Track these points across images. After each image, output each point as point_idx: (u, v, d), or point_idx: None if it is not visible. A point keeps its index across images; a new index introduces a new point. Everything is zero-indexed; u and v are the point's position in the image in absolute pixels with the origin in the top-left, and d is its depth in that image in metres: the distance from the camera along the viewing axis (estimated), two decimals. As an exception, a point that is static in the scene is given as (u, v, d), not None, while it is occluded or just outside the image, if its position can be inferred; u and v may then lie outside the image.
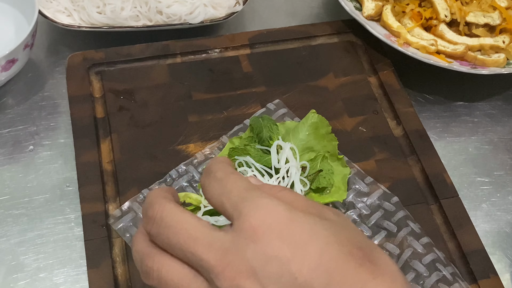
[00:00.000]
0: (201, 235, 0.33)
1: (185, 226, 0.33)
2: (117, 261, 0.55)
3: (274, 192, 0.35)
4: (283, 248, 0.31)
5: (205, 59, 0.73)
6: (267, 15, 0.85)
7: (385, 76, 0.73)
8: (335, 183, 0.59)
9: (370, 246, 0.33)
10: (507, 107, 0.76)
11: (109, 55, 0.71)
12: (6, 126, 0.67)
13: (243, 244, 0.31)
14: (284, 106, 0.68)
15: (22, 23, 0.72)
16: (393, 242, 0.58)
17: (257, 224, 0.32)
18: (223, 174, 0.36)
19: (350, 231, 0.34)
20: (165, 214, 0.34)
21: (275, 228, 0.31)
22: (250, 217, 0.32)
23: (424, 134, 0.67)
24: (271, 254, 0.31)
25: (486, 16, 0.75)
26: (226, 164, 0.37)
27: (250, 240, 0.31)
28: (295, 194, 0.36)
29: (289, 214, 0.32)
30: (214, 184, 0.35)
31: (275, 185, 0.38)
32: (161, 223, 0.34)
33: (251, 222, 0.32)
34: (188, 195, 0.56)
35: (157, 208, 0.35)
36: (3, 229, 0.59)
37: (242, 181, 0.35)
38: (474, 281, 0.57)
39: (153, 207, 0.35)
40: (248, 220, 0.32)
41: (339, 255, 0.31)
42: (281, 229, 0.31)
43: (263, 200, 0.33)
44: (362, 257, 0.32)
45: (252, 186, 0.34)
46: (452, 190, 0.63)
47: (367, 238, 0.35)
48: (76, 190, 0.60)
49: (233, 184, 0.35)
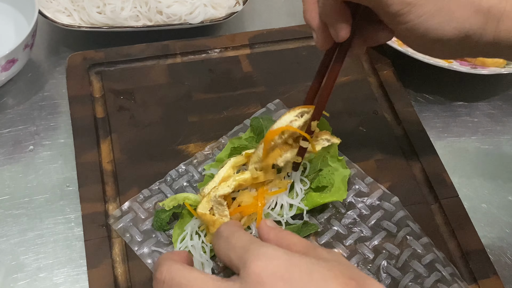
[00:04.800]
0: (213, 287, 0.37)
1: (196, 282, 0.38)
2: (117, 261, 0.55)
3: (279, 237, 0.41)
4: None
5: (205, 59, 0.73)
6: (267, 15, 0.85)
7: (385, 76, 0.73)
8: (335, 183, 0.59)
9: (361, 276, 0.38)
10: (507, 107, 0.76)
11: (109, 55, 0.71)
12: (6, 126, 0.68)
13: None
14: (284, 106, 0.68)
15: (22, 23, 0.72)
16: (393, 242, 0.58)
17: (261, 271, 0.36)
18: (229, 232, 0.41)
19: (342, 266, 0.38)
20: (173, 274, 0.39)
21: (277, 272, 0.36)
22: (254, 265, 0.36)
23: (424, 134, 0.67)
24: None
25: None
26: (232, 225, 0.42)
27: (257, 284, 0.35)
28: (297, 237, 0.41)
29: (288, 258, 0.37)
30: (221, 242, 0.41)
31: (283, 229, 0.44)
32: (172, 282, 0.38)
33: (255, 270, 0.36)
34: (188, 197, 0.56)
35: (165, 269, 0.39)
36: (3, 229, 0.59)
37: (245, 236, 0.40)
38: (474, 281, 0.57)
39: (161, 269, 0.39)
40: (253, 268, 0.36)
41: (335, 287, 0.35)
42: (283, 272, 0.36)
43: (264, 249, 0.37)
44: (355, 286, 0.36)
45: (253, 239, 0.39)
46: (452, 190, 0.63)
47: (357, 270, 0.39)
48: (76, 190, 0.61)
49: (237, 240, 0.40)
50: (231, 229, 0.42)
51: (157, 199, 0.59)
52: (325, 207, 0.59)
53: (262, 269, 0.36)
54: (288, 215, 0.56)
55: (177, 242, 0.55)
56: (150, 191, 0.60)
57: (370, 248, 0.57)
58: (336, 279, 0.36)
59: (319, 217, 0.59)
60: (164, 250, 0.56)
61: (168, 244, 0.56)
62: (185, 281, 0.38)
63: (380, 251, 0.57)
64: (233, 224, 0.43)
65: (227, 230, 0.41)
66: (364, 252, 0.57)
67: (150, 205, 0.59)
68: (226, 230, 0.42)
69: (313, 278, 0.36)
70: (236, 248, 0.39)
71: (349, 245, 0.57)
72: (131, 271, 0.55)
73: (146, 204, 0.59)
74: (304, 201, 0.58)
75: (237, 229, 0.42)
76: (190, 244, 0.54)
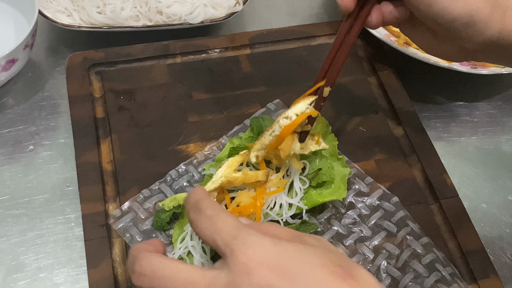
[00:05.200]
0: (198, 278, 0.36)
1: (181, 273, 0.37)
2: (117, 261, 0.55)
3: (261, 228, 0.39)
4: (274, 277, 0.35)
5: (205, 59, 0.73)
6: (267, 15, 0.85)
7: (385, 76, 0.73)
8: (335, 182, 0.59)
9: (349, 263, 0.37)
10: (507, 107, 0.76)
11: (109, 55, 0.71)
12: (6, 126, 0.68)
13: (239, 278, 0.35)
14: (284, 106, 0.68)
15: (22, 23, 0.72)
16: (392, 242, 0.58)
17: (248, 260, 0.36)
18: (213, 212, 0.39)
19: (330, 253, 0.38)
20: (155, 266, 0.37)
21: (264, 261, 0.36)
22: (242, 254, 0.36)
23: (424, 134, 0.67)
24: (264, 284, 0.35)
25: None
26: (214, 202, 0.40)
27: (245, 274, 0.35)
28: (280, 227, 0.40)
29: (275, 247, 0.36)
30: (204, 221, 0.39)
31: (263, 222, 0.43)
32: (154, 275, 0.37)
33: (242, 259, 0.36)
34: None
35: (144, 262, 0.38)
36: (3, 229, 0.59)
37: (231, 219, 0.39)
38: (474, 281, 0.57)
39: (140, 262, 0.38)
40: (240, 257, 0.36)
41: (323, 275, 0.35)
42: (270, 261, 0.36)
43: (252, 237, 0.37)
44: (343, 273, 0.36)
45: (240, 225, 0.38)
46: (452, 190, 0.63)
47: (346, 257, 0.39)
48: (76, 190, 0.61)
49: (223, 223, 0.38)
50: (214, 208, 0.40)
51: (157, 199, 0.59)
52: (325, 207, 0.59)
53: (250, 258, 0.36)
54: (287, 215, 0.56)
55: (177, 242, 0.55)
56: (150, 191, 0.60)
57: (370, 248, 0.57)
58: (324, 267, 0.36)
59: (319, 217, 0.59)
60: (164, 250, 0.56)
61: (168, 244, 0.56)
62: (169, 273, 0.37)
63: (380, 251, 0.57)
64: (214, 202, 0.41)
65: (209, 209, 0.39)
66: (364, 252, 0.57)
67: (150, 205, 0.59)
68: (208, 208, 0.39)
69: (301, 266, 0.36)
70: (223, 233, 0.38)
71: (349, 245, 0.57)
72: (131, 271, 0.55)
73: (146, 204, 0.59)
74: (304, 200, 0.58)
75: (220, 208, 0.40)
76: (190, 244, 0.54)
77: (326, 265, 0.36)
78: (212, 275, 0.36)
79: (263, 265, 0.35)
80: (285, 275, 0.35)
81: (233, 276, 0.35)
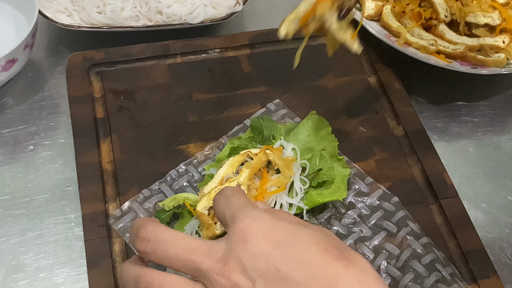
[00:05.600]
0: (199, 245, 0.38)
1: (183, 240, 0.38)
2: (117, 261, 0.55)
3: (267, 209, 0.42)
4: (267, 247, 0.36)
5: (205, 59, 0.73)
6: (267, 15, 0.85)
7: (385, 76, 0.73)
8: (335, 182, 0.59)
9: (345, 247, 0.38)
10: (507, 107, 0.76)
11: (109, 55, 0.71)
12: (6, 126, 0.68)
13: (235, 245, 0.37)
14: (284, 106, 0.68)
15: (22, 23, 0.72)
16: (392, 242, 0.58)
17: (246, 228, 0.37)
18: (231, 193, 0.43)
19: (328, 235, 0.39)
20: (159, 233, 0.39)
21: (261, 232, 0.37)
22: (241, 222, 0.38)
23: (424, 134, 0.67)
24: (257, 252, 0.36)
25: (486, 16, 0.75)
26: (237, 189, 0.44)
27: (241, 241, 0.37)
28: (285, 212, 0.42)
29: (274, 221, 0.38)
30: (221, 199, 0.42)
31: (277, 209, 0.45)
32: (157, 239, 0.39)
33: (241, 227, 0.37)
34: (188, 197, 0.56)
35: (150, 228, 0.39)
36: (3, 229, 0.59)
37: (244, 198, 0.42)
38: (474, 281, 0.57)
39: (145, 228, 0.39)
40: (239, 226, 0.38)
41: (317, 251, 0.36)
42: (266, 231, 0.37)
43: (254, 211, 0.39)
44: (337, 253, 0.36)
45: (250, 202, 0.41)
46: (452, 190, 0.63)
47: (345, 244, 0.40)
48: (76, 190, 0.61)
49: (235, 200, 0.41)
50: (234, 191, 0.43)
51: (157, 199, 0.59)
52: (325, 207, 0.59)
53: (248, 227, 0.37)
54: (288, 215, 0.56)
55: (177, 242, 0.55)
56: (150, 191, 0.60)
57: (370, 248, 0.57)
58: (318, 245, 0.37)
59: (319, 217, 0.59)
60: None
61: (168, 244, 0.56)
62: (173, 238, 0.38)
63: (380, 251, 0.57)
64: (237, 189, 0.44)
65: (230, 191, 0.43)
66: (364, 252, 0.57)
67: (150, 205, 0.59)
68: (229, 191, 0.43)
69: (295, 240, 0.37)
70: (232, 207, 0.40)
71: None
72: (131, 271, 0.55)
73: (146, 204, 0.59)
74: (304, 200, 0.58)
75: (239, 191, 0.43)
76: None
77: (320, 244, 0.37)
78: (212, 243, 0.38)
79: (260, 235, 0.37)
80: (279, 246, 0.36)
81: (231, 244, 0.37)
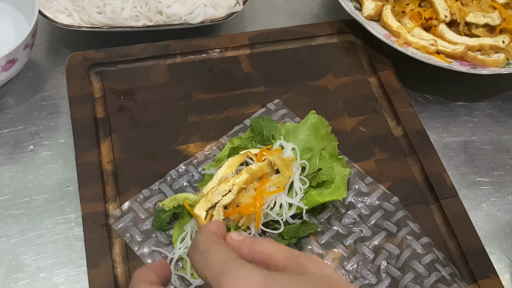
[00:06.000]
0: None
1: None
2: (117, 261, 0.55)
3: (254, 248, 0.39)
4: None
5: (205, 59, 0.73)
6: (267, 15, 0.85)
7: (385, 76, 0.73)
8: (335, 182, 0.59)
9: None
10: (507, 107, 0.76)
11: (109, 55, 0.71)
12: (6, 126, 0.68)
13: None
14: (284, 106, 0.68)
15: (22, 23, 0.72)
16: (392, 242, 0.58)
17: None
18: (205, 246, 0.39)
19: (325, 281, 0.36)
20: None
21: None
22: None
23: (424, 134, 0.67)
24: None
25: (486, 16, 0.75)
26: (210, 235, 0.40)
27: None
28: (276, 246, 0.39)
29: (264, 281, 0.35)
30: (197, 256, 0.39)
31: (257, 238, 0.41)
32: None
33: None
34: (188, 197, 0.56)
35: None
36: (3, 229, 0.59)
37: (221, 252, 0.38)
38: (474, 281, 0.57)
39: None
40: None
41: None
42: None
43: (240, 271, 0.36)
44: None
45: (230, 258, 0.37)
46: (452, 190, 0.63)
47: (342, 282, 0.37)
48: (76, 190, 0.61)
49: (213, 257, 0.38)
50: (207, 242, 0.40)
51: (157, 199, 0.59)
52: (325, 207, 0.59)
53: None
54: (287, 215, 0.56)
55: (177, 242, 0.55)
56: (150, 191, 0.60)
57: (370, 248, 0.57)
58: None
59: (319, 217, 0.59)
60: (164, 250, 0.56)
61: (168, 244, 0.56)
62: None
63: (380, 251, 0.57)
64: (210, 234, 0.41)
65: (203, 243, 0.39)
66: (364, 252, 0.57)
67: (150, 205, 0.59)
68: (202, 243, 0.39)
69: None
70: (212, 267, 0.37)
71: (349, 245, 0.57)
72: (131, 271, 0.55)
73: (146, 204, 0.59)
74: (304, 200, 0.58)
75: (213, 241, 0.40)
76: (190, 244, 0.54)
77: None
78: None
79: None
80: None
81: None
